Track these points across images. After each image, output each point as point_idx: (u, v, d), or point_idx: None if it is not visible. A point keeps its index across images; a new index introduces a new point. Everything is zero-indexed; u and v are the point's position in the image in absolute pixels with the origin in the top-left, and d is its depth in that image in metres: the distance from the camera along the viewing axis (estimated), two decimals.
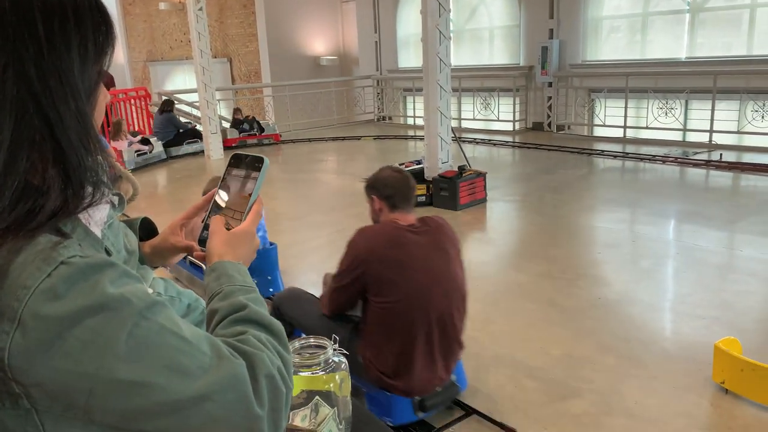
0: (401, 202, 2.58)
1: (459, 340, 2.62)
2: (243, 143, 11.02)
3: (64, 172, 0.72)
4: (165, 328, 0.71)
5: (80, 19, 0.75)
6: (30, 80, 0.70)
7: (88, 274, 0.68)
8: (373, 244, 2.46)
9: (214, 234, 0.95)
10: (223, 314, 0.84)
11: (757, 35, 9.18)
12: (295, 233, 5.72)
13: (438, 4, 6.26)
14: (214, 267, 0.91)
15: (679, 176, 7.50)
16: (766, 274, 4.17)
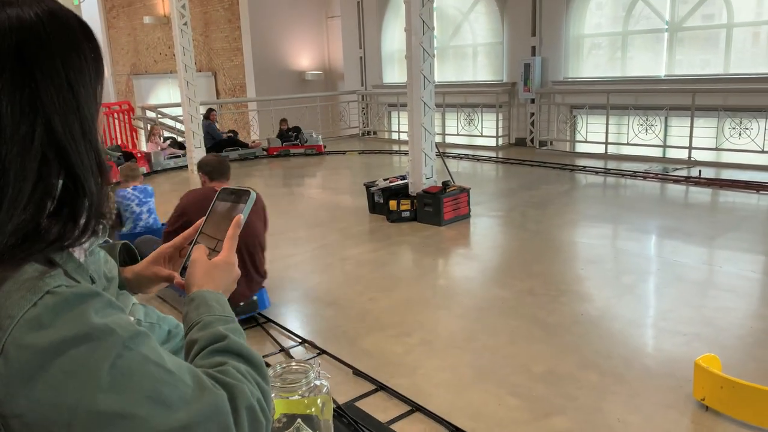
0: (216, 175, 3.88)
1: (259, 271, 3.93)
2: (286, 152, 11.48)
3: (70, 206, 0.73)
4: (148, 358, 0.70)
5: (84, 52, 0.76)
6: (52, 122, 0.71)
7: (73, 304, 0.67)
8: (193, 199, 3.79)
9: (196, 263, 0.95)
10: (203, 344, 0.83)
11: (734, 54, 9.39)
12: (276, 249, 5.67)
13: (422, 22, 6.32)
14: (194, 296, 0.91)
15: (659, 192, 7.60)
16: (746, 291, 4.23)
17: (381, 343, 3.61)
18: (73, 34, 0.75)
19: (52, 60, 0.71)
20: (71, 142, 0.72)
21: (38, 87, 0.70)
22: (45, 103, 0.70)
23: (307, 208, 7.55)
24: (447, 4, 13.39)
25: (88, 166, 0.74)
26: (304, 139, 11.68)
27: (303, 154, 11.65)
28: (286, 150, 11.58)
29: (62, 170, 0.72)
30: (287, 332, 3.79)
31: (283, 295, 4.53)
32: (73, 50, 0.74)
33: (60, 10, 0.76)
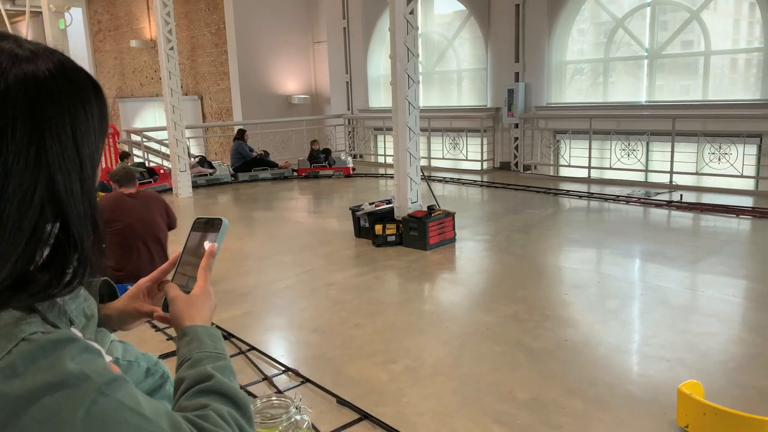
0: (123, 183, 4.76)
1: (165, 253, 4.84)
2: (314, 174, 11.59)
3: (61, 260, 0.73)
4: (124, 405, 0.69)
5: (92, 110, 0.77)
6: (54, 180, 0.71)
7: (48, 351, 0.67)
8: (105, 202, 4.68)
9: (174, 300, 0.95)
10: (189, 383, 0.83)
11: (712, 80, 9.61)
12: (261, 274, 5.66)
13: (406, 50, 6.41)
14: (186, 331, 0.91)
15: (642, 216, 7.69)
16: (727, 315, 4.27)
17: (365, 370, 3.58)
18: (83, 93, 0.76)
19: (61, 118, 0.72)
20: (71, 200, 0.72)
21: (45, 144, 0.70)
22: (50, 160, 0.70)
23: (292, 232, 7.53)
24: (432, 31, 13.60)
25: (85, 225, 0.75)
26: (332, 161, 11.76)
27: (331, 176, 11.68)
28: (315, 171, 11.69)
29: (58, 225, 0.72)
30: (271, 360, 3.75)
31: (268, 321, 4.50)
32: (81, 108, 0.74)
33: (72, 66, 0.77)
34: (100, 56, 21.33)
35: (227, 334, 4.15)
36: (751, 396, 3.14)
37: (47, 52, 0.75)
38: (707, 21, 9.55)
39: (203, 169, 11.30)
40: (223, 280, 5.42)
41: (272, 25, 16.17)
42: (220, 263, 5.89)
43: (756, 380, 3.30)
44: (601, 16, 10.84)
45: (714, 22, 9.65)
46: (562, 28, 11.07)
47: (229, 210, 9.30)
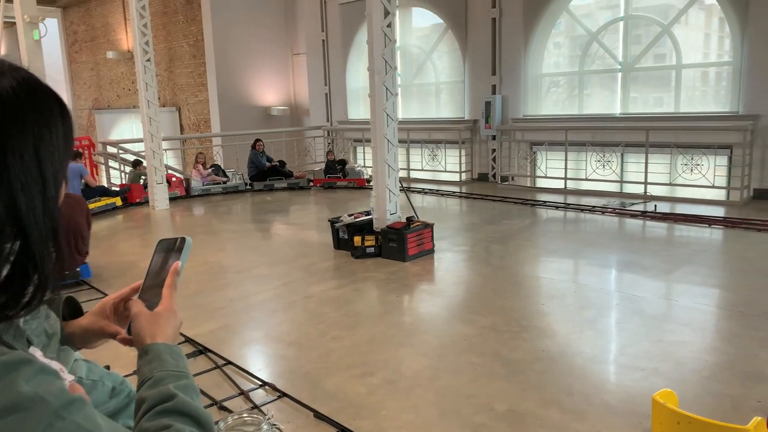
0: None
1: (80, 252, 5.56)
2: (330, 185, 11.62)
3: (20, 281, 0.71)
4: (82, 428, 0.68)
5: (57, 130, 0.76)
6: (16, 200, 0.69)
7: (1, 374, 0.65)
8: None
9: (138, 317, 0.94)
10: (151, 404, 0.81)
11: (684, 93, 9.82)
12: (239, 287, 5.61)
13: (384, 62, 6.44)
14: (147, 349, 0.89)
15: (617, 226, 7.79)
16: (700, 324, 4.33)
17: (343, 383, 3.56)
18: (48, 111, 0.74)
19: (24, 136, 0.70)
20: (32, 219, 0.71)
21: (6, 162, 0.68)
22: (12, 180, 0.68)
23: (271, 245, 7.48)
24: (410, 44, 13.70)
25: (46, 245, 0.73)
26: (347, 172, 11.77)
27: (345, 186, 11.65)
28: (330, 182, 11.73)
29: (18, 245, 0.71)
30: (247, 374, 3.71)
31: (245, 335, 4.45)
32: (46, 127, 0.73)
33: (37, 83, 0.74)
34: (76, 67, 21.08)
35: (203, 348, 4.10)
36: (724, 404, 3.19)
37: (11, 69, 0.73)
38: (678, 35, 9.77)
39: (217, 177, 11.60)
40: (200, 294, 5.35)
41: (251, 36, 16.15)
42: (197, 277, 5.84)
43: (729, 388, 3.35)
44: (576, 29, 11.04)
45: (685, 36, 9.88)
46: (538, 41, 11.24)
47: (209, 223, 9.21)
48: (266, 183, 11.77)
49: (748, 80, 8.92)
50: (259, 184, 11.77)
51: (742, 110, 9.00)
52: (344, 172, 11.79)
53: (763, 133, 8.85)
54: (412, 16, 13.57)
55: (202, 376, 3.69)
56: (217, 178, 11.64)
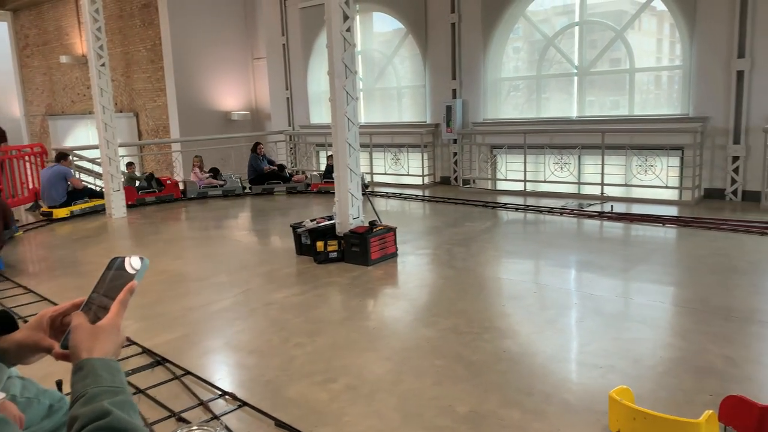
0: None
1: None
2: (327, 189, 11.09)
3: None
4: None
5: None
6: None
7: None
8: None
9: (78, 329, 0.90)
10: (84, 422, 0.78)
11: (638, 96, 10.11)
12: (198, 296, 5.51)
13: (344, 66, 6.44)
14: (81, 365, 0.86)
15: (576, 227, 7.95)
16: (655, 321, 4.45)
17: (305, 391, 3.52)
18: None
19: None
20: None
21: None
22: None
23: (231, 252, 7.37)
24: (371, 48, 13.74)
25: None
26: None
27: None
28: (327, 187, 11.15)
29: None
30: (207, 384, 3.64)
31: (204, 345, 4.37)
32: None
33: None
34: (27, 72, 20.43)
35: (161, 359, 4.01)
36: (678, 398, 3.27)
37: None
38: (631, 40, 10.05)
39: (214, 180, 11.67)
40: (158, 304, 5.23)
41: (210, 41, 15.94)
42: (155, 286, 5.71)
43: (682, 383, 3.45)
44: (534, 34, 11.24)
45: (638, 41, 10.17)
46: (497, 46, 11.41)
47: (167, 230, 9.02)
48: (265, 187, 11.75)
49: (696, 84, 9.23)
50: (258, 188, 11.77)
51: (692, 113, 9.31)
52: None
53: (712, 135, 9.16)
54: (373, 20, 13.62)
55: (159, 388, 3.60)
56: (215, 181, 11.68)
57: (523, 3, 11.02)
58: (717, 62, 8.98)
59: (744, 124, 8.85)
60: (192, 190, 11.54)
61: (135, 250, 7.68)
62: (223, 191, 11.65)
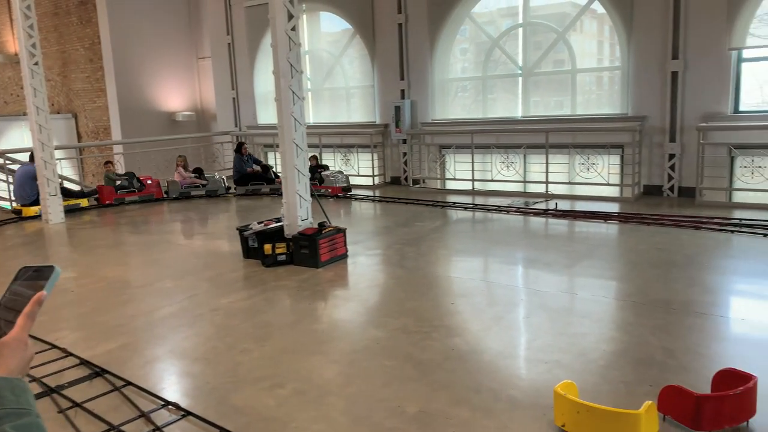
0: None
1: None
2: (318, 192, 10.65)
3: None
4: None
5: None
6: None
7: None
8: None
9: None
10: None
11: (580, 96, 10.39)
12: (141, 303, 5.32)
13: (290, 66, 6.35)
14: None
15: (522, 225, 8.10)
16: (599, 315, 4.57)
17: (252, 397, 3.45)
18: None
19: None
20: None
21: None
22: None
23: (176, 257, 7.16)
24: (319, 48, 13.64)
25: None
26: (321, 178, 10.97)
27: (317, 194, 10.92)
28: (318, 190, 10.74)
29: None
30: (149, 395, 3.51)
31: (146, 353, 4.21)
32: None
33: None
34: None
35: (100, 370, 3.85)
36: (620, 391, 3.36)
37: None
38: (573, 42, 10.32)
39: (197, 180, 11.48)
40: (97, 312, 5.03)
41: (152, 39, 15.49)
42: (94, 294, 5.50)
43: (624, 375, 3.54)
44: (481, 36, 11.40)
45: (580, 42, 10.46)
46: (444, 47, 11.51)
47: (111, 234, 8.70)
48: (248, 188, 11.48)
49: (634, 84, 9.56)
50: (242, 189, 11.49)
51: (631, 112, 9.63)
52: (320, 178, 10.94)
53: (650, 133, 9.51)
54: (320, 20, 13.52)
55: (98, 400, 3.46)
56: (197, 180, 11.48)
57: (468, 4, 11.16)
58: (653, 63, 9.33)
59: (679, 123, 9.22)
60: (174, 189, 11.31)
61: (72, 257, 7.37)
62: (206, 191, 11.45)
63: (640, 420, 2.72)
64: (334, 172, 11.26)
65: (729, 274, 5.54)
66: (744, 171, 8.62)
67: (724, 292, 5.12)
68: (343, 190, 10.85)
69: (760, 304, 4.75)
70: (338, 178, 11.00)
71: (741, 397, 2.89)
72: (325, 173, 11.07)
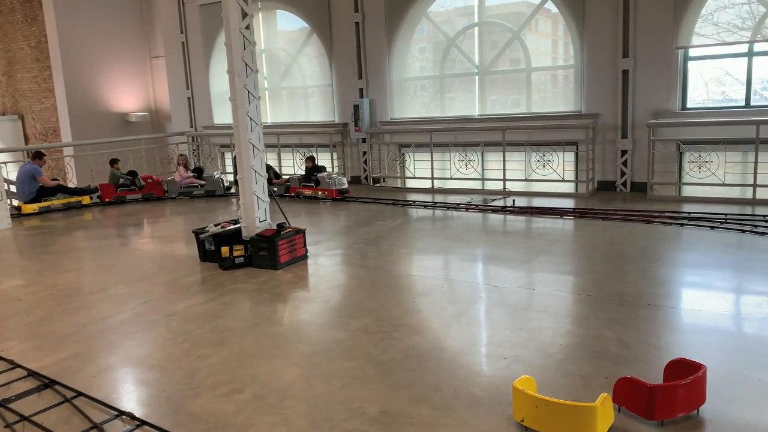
0: None
1: None
2: (299, 195, 10.72)
3: None
4: None
5: None
6: None
7: None
8: None
9: None
10: None
11: (535, 94, 10.56)
12: (93, 309, 5.15)
13: (245, 65, 6.25)
14: None
15: (481, 222, 8.18)
16: (555, 310, 4.64)
17: (210, 404, 3.37)
18: None
19: None
20: None
21: None
22: None
23: (130, 261, 6.97)
24: (276, 47, 13.49)
25: None
26: (318, 180, 10.48)
27: (312, 197, 10.49)
28: (300, 192, 10.73)
29: None
30: (101, 405, 3.39)
31: (99, 362, 4.08)
32: None
33: None
34: None
35: (49, 381, 3.71)
36: (577, 384, 3.42)
37: None
38: (528, 41, 10.49)
39: (196, 180, 11.42)
40: (46, 321, 4.85)
41: (103, 38, 15.06)
42: (43, 302, 5.32)
43: (580, 368, 3.61)
44: (438, 35, 11.47)
45: (535, 41, 10.63)
46: (401, 45, 11.54)
47: (62, 239, 8.40)
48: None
49: (587, 82, 9.78)
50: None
51: (585, 110, 9.85)
52: (317, 180, 10.46)
53: (603, 130, 9.74)
54: (277, 18, 13.37)
55: (47, 413, 3.33)
56: (196, 180, 11.37)
57: (425, 3, 11.21)
58: (604, 62, 9.56)
59: (630, 120, 9.47)
60: (173, 189, 11.29)
61: (20, 263, 7.08)
62: (206, 191, 11.32)
63: (596, 412, 2.77)
64: (330, 173, 10.69)
65: (679, 266, 5.71)
66: (692, 166, 8.92)
67: (674, 284, 5.27)
68: (340, 193, 10.27)
69: (708, 295, 4.91)
70: (335, 180, 10.39)
71: (691, 386, 2.98)
72: (321, 175, 10.54)
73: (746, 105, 8.91)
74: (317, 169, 10.78)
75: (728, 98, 9.21)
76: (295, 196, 10.72)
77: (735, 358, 3.68)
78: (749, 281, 5.19)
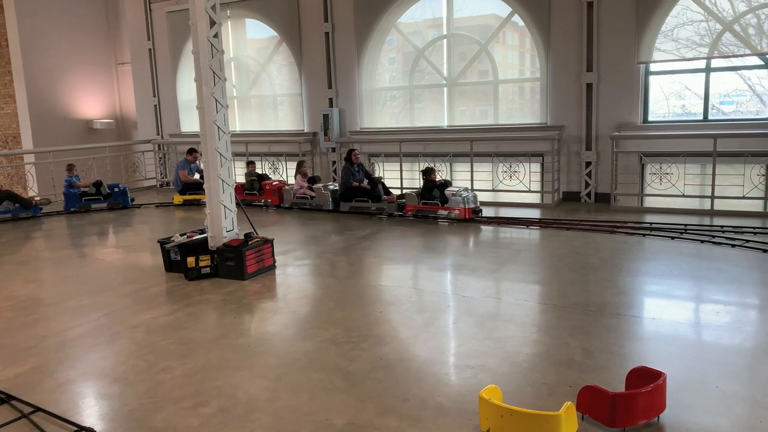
0: None
1: None
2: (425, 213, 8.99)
3: None
4: None
5: None
6: None
7: None
8: None
9: None
10: None
11: (503, 106, 10.73)
12: (52, 322, 5.02)
13: (212, 73, 6.21)
14: None
15: (449, 232, 8.24)
16: (521, 319, 4.70)
17: (173, 418, 3.31)
18: None
19: None
20: None
21: None
22: None
23: (92, 272, 6.81)
24: (245, 55, 13.41)
25: None
26: (445, 197, 8.84)
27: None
28: (426, 211, 9.02)
29: None
30: (61, 421, 3.30)
31: (59, 376, 3.97)
32: None
33: None
34: None
35: (6, 396, 3.59)
36: (542, 392, 3.47)
37: None
38: (496, 53, 10.66)
39: (309, 191, 10.22)
40: (3, 334, 4.71)
41: (67, 42, 14.75)
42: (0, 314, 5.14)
43: (545, 377, 3.66)
44: (408, 46, 11.56)
45: (502, 54, 10.81)
46: (371, 56, 11.60)
47: (21, 249, 8.16)
48: (353, 204, 9.68)
49: (553, 95, 9.98)
50: (346, 206, 9.77)
51: (550, 122, 10.04)
52: (444, 198, 8.85)
53: (568, 142, 9.94)
54: (246, 27, 13.31)
55: (3, 429, 3.22)
56: (308, 192, 10.22)
57: (394, 14, 11.30)
58: (569, 75, 9.77)
59: (594, 132, 9.69)
60: (287, 198, 10.47)
61: None
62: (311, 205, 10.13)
63: (560, 421, 2.82)
64: (460, 189, 8.84)
65: (641, 275, 5.85)
66: (653, 177, 9.16)
67: (637, 293, 5.40)
68: (473, 213, 8.66)
69: (669, 304, 5.04)
70: (465, 197, 8.68)
71: (652, 394, 3.05)
72: (449, 190, 8.83)
73: (704, 119, 9.20)
74: (442, 184, 9.02)
75: (687, 112, 9.51)
76: (415, 216, 9.05)
77: (694, 366, 3.78)
78: (708, 290, 5.35)
